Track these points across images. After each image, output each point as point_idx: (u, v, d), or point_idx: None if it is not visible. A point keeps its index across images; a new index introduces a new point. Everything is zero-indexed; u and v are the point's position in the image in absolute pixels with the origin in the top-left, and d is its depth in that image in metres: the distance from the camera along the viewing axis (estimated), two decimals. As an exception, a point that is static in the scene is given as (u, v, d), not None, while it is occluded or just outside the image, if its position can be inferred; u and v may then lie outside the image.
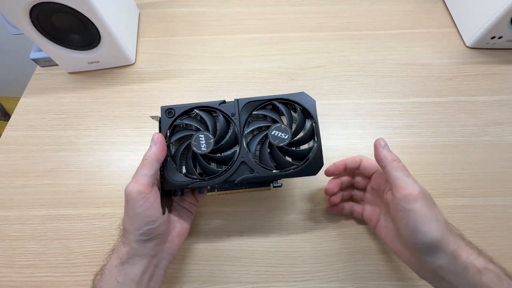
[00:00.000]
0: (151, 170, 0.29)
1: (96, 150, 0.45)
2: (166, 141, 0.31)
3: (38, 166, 0.44)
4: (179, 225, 0.33)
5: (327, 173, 0.35)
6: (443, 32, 0.54)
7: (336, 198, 0.36)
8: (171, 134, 0.32)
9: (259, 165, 0.31)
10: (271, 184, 0.34)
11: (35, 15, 0.40)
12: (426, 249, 0.26)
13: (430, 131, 0.44)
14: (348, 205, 0.37)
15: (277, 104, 0.32)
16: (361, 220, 0.38)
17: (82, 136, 0.46)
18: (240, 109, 0.31)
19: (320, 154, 0.31)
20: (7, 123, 0.47)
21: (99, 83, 0.51)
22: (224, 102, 0.32)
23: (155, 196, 0.29)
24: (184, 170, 0.32)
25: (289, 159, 0.32)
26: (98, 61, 0.50)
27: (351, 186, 0.37)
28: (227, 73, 0.51)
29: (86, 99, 0.50)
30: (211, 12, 0.59)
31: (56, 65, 0.51)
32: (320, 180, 0.41)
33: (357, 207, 0.37)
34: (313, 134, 0.32)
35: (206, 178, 0.31)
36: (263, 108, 0.32)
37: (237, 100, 0.32)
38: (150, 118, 0.33)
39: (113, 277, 0.27)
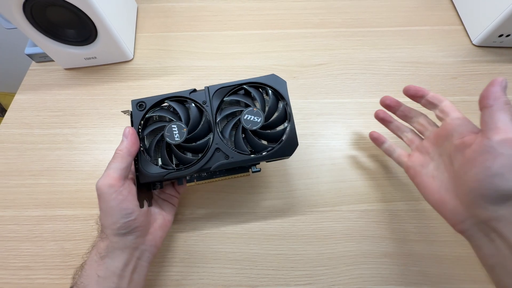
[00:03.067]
0: (123, 163, 0.29)
1: (93, 148, 0.44)
2: (140, 134, 0.31)
3: (34, 165, 0.43)
4: (160, 217, 0.33)
5: (383, 104, 0.36)
6: (449, 30, 0.53)
7: (385, 114, 0.36)
8: (144, 127, 0.32)
9: (234, 150, 0.31)
10: (250, 170, 0.33)
11: (28, 8, 0.39)
12: (500, 196, 0.23)
13: (435, 132, 0.43)
14: (391, 144, 0.35)
15: (248, 88, 0.32)
16: (362, 222, 0.37)
17: (79, 135, 0.45)
18: (211, 96, 0.31)
19: (294, 135, 0.31)
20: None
21: (96, 79, 0.50)
22: (194, 90, 0.32)
23: (128, 189, 0.28)
24: (160, 162, 0.32)
25: (265, 142, 0.32)
26: (95, 57, 0.49)
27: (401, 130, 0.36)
28: (227, 70, 0.50)
29: (83, 96, 0.48)
30: (211, 7, 0.57)
31: (52, 60, 0.50)
32: (322, 181, 0.40)
33: (401, 150, 0.35)
34: (286, 115, 0.32)
35: (182, 168, 0.31)
36: (235, 93, 0.32)
37: (207, 87, 0.32)
38: (121, 113, 0.33)
39: (93, 271, 0.27)
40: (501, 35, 0.47)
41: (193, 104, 0.32)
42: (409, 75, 0.48)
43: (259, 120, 0.30)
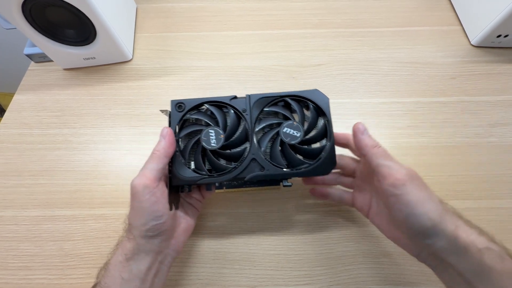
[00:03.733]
0: (159, 164, 0.28)
1: (92, 149, 0.44)
2: (175, 136, 0.31)
3: (33, 165, 0.43)
4: (184, 221, 0.32)
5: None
6: (448, 30, 0.53)
7: (321, 190, 0.35)
8: (181, 128, 0.31)
9: (270, 162, 0.30)
10: (281, 183, 0.33)
11: (27, 9, 0.39)
12: (423, 232, 0.25)
13: (434, 132, 0.43)
14: (336, 192, 0.35)
15: (289, 101, 0.31)
16: (363, 223, 0.38)
17: (78, 135, 0.45)
18: (251, 105, 0.31)
19: (333, 153, 0.30)
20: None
21: (96, 80, 0.50)
22: (235, 97, 0.31)
23: (161, 191, 0.28)
24: (192, 166, 0.31)
25: (300, 157, 0.31)
26: (94, 57, 0.49)
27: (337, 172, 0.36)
28: (226, 70, 0.50)
29: (82, 96, 0.48)
30: (211, 8, 0.57)
31: (51, 61, 0.50)
32: (322, 181, 0.40)
33: (346, 195, 0.35)
34: (326, 132, 0.31)
35: (215, 175, 0.30)
36: (275, 104, 0.32)
37: (249, 96, 0.31)
38: (160, 112, 0.33)
39: (117, 273, 0.27)
40: (499, 36, 0.47)
41: (232, 111, 0.31)
42: (408, 75, 0.48)
43: (298, 135, 0.30)
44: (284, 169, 0.30)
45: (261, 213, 0.39)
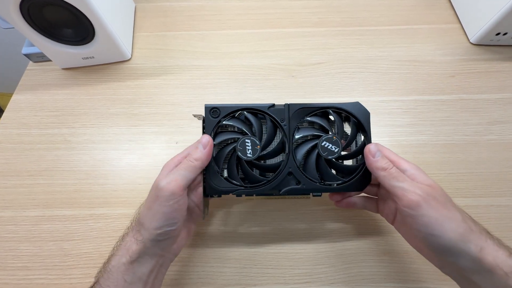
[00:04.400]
0: (192, 174, 0.28)
1: (91, 148, 0.44)
2: None
3: (32, 165, 0.43)
4: (188, 225, 0.32)
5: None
6: (447, 28, 0.53)
7: (347, 201, 0.34)
8: (215, 134, 0.30)
9: (305, 175, 0.30)
10: (311, 193, 0.32)
11: (25, 8, 0.39)
12: (443, 251, 0.24)
13: (433, 130, 0.44)
14: (359, 200, 0.34)
15: (332, 113, 0.30)
16: (363, 221, 0.38)
17: (77, 134, 0.45)
18: (290, 115, 0.30)
19: (369, 171, 0.29)
20: (-1, 120, 0.46)
21: (94, 79, 0.50)
22: (273, 105, 0.30)
23: (184, 200, 0.27)
24: (225, 174, 0.31)
25: (334, 171, 0.31)
26: (93, 57, 0.48)
27: None
28: (225, 69, 0.50)
29: (81, 96, 0.48)
30: (210, 6, 0.57)
31: (50, 60, 0.50)
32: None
33: (370, 202, 0.33)
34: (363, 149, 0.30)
35: (249, 186, 0.30)
36: (314, 115, 0.31)
37: (288, 105, 0.30)
38: (193, 116, 0.31)
39: (120, 275, 0.26)
40: (498, 34, 0.47)
41: (269, 120, 0.30)
42: (407, 73, 0.48)
43: (336, 150, 0.29)
44: (320, 184, 0.30)
45: (261, 212, 0.39)
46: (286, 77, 0.49)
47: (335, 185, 0.30)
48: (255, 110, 0.30)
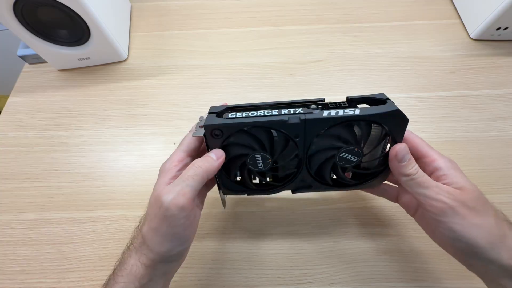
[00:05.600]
0: (200, 183, 0.24)
1: (88, 150, 0.43)
2: None
3: (29, 168, 0.42)
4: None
5: None
6: (447, 24, 0.52)
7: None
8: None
9: (316, 179, 0.29)
10: None
11: (19, 9, 0.38)
12: (471, 256, 0.23)
13: (434, 127, 0.43)
14: (377, 186, 0.30)
15: (359, 126, 0.25)
16: (363, 221, 0.37)
17: (74, 136, 0.44)
18: (305, 131, 0.25)
19: (387, 176, 0.28)
20: (-5, 123, 0.46)
21: (91, 80, 0.49)
22: (286, 122, 0.24)
23: (195, 213, 0.24)
24: (238, 178, 0.30)
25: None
26: (89, 58, 0.48)
27: None
28: (223, 68, 0.49)
29: (77, 97, 0.48)
30: (207, 5, 0.57)
31: (45, 62, 0.49)
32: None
33: (389, 192, 0.30)
34: (387, 161, 0.26)
35: (261, 189, 0.30)
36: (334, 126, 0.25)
37: (305, 120, 0.24)
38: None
39: None
40: (498, 28, 0.47)
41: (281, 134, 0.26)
42: (406, 70, 0.48)
43: (355, 160, 0.26)
44: (331, 187, 0.29)
45: (260, 212, 0.38)
46: (284, 76, 0.49)
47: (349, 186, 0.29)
48: (264, 127, 0.25)
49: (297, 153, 0.26)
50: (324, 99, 0.27)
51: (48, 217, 0.39)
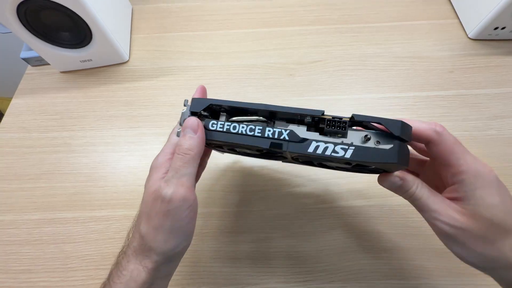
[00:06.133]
0: (195, 167, 0.23)
1: (91, 151, 0.44)
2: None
3: (32, 169, 0.43)
4: None
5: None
6: (445, 23, 0.52)
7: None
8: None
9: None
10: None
11: (22, 12, 0.39)
12: (482, 268, 0.22)
13: (432, 126, 0.43)
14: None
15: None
16: (362, 219, 0.38)
17: (77, 137, 0.45)
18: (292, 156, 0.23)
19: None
20: None
21: (93, 82, 0.50)
22: (276, 145, 0.22)
23: (196, 201, 0.23)
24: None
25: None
26: (91, 60, 0.49)
27: None
28: (223, 69, 0.50)
29: (80, 99, 0.48)
30: (207, 7, 0.57)
31: (48, 64, 0.50)
32: (320, 178, 0.40)
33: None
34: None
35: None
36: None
37: (287, 149, 0.22)
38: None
39: None
40: (496, 28, 0.47)
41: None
42: (405, 70, 0.48)
43: (343, 166, 0.25)
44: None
45: (260, 211, 0.39)
46: (284, 76, 0.49)
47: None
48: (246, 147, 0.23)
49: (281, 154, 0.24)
50: (323, 112, 0.22)
51: (51, 217, 0.39)
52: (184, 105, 0.25)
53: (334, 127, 0.22)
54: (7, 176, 0.42)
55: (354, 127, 0.22)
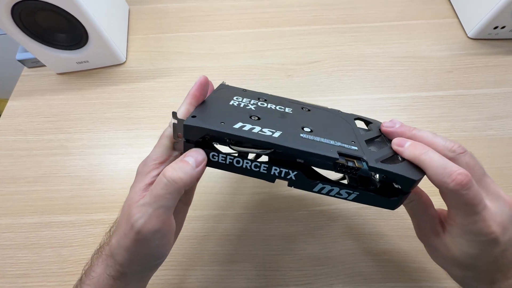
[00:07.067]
0: (175, 200, 0.20)
1: (88, 153, 0.43)
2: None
3: (29, 172, 0.42)
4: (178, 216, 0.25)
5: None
6: (444, 23, 0.52)
7: None
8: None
9: None
10: None
11: (17, 13, 0.39)
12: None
13: (431, 127, 0.43)
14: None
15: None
16: (360, 219, 0.37)
17: (73, 140, 0.45)
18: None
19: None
20: (-5, 128, 0.46)
21: (89, 83, 0.49)
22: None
23: (173, 227, 0.21)
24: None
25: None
26: (87, 61, 0.48)
27: None
28: (221, 70, 0.50)
29: (76, 100, 0.48)
30: (204, 7, 0.57)
31: (44, 66, 0.49)
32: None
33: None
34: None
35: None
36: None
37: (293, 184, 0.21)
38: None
39: None
40: (496, 27, 0.47)
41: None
42: (404, 70, 0.48)
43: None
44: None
45: (259, 214, 0.38)
46: (282, 77, 0.49)
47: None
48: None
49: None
50: (337, 158, 0.20)
51: (48, 221, 0.39)
52: (173, 117, 0.22)
53: (345, 171, 0.21)
54: (3, 179, 0.42)
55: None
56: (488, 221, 0.19)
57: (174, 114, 0.22)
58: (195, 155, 0.20)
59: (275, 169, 0.21)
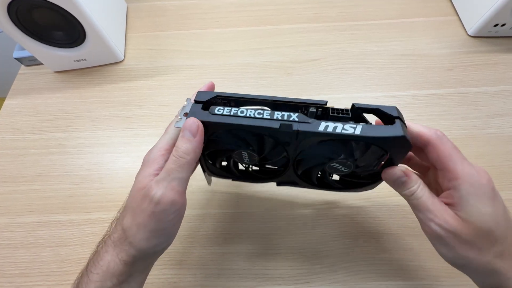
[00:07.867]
0: (189, 172, 0.22)
1: (86, 152, 0.43)
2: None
3: (27, 171, 0.42)
4: None
5: None
6: (444, 21, 0.52)
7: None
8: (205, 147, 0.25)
9: (302, 179, 0.28)
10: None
11: (13, 11, 0.38)
12: (459, 267, 0.23)
13: (431, 125, 0.42)
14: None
15: (353, 145, 0.23)
16: (360, 218, 0.37)
17: (71, 138, 0.44)
18: (297, 139, 0.23)
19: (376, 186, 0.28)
20: (-8, 126, 0.46)
21: (87, 82, 0.49)
22: (277, 129, 0.22)
23: (185, 203, 0.23)
24: (223, 163, 0.29)
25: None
26: (85, 59, 0.48)
27: None
28: (219, 68, 0.49)
29: (74, 99, 0.48)
30: (203, 4, 0.56)
31: (41, 64, 0.49)
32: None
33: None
34: (379, 179, 0.26)
35: (246, 179, 0.30)
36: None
37: (297, 132, 0.22)
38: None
39: None
40: (496, 25, 0.46)
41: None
42: (404, 68, 0.48)
43: (345, 171, 0.25)
44: (316, 187, 0.29)
45: (258, 212, 0.38)
46: (281, 75, 0.48)
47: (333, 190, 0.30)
48: (255, 131, 0.23)
49: (286, 155, 0.25)
50: (326, 102, 0.24)
51: (47, 220, 0.39)
52: (186, 102, 0.24)
53: (338, 113, 0.24)
54: (1, 179, 0.42)
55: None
56: (480, 171, 0.22)
57: (188, 99, 0.25)
58: (188, 126, 0.22)
59: (278, 114, 0.23)
